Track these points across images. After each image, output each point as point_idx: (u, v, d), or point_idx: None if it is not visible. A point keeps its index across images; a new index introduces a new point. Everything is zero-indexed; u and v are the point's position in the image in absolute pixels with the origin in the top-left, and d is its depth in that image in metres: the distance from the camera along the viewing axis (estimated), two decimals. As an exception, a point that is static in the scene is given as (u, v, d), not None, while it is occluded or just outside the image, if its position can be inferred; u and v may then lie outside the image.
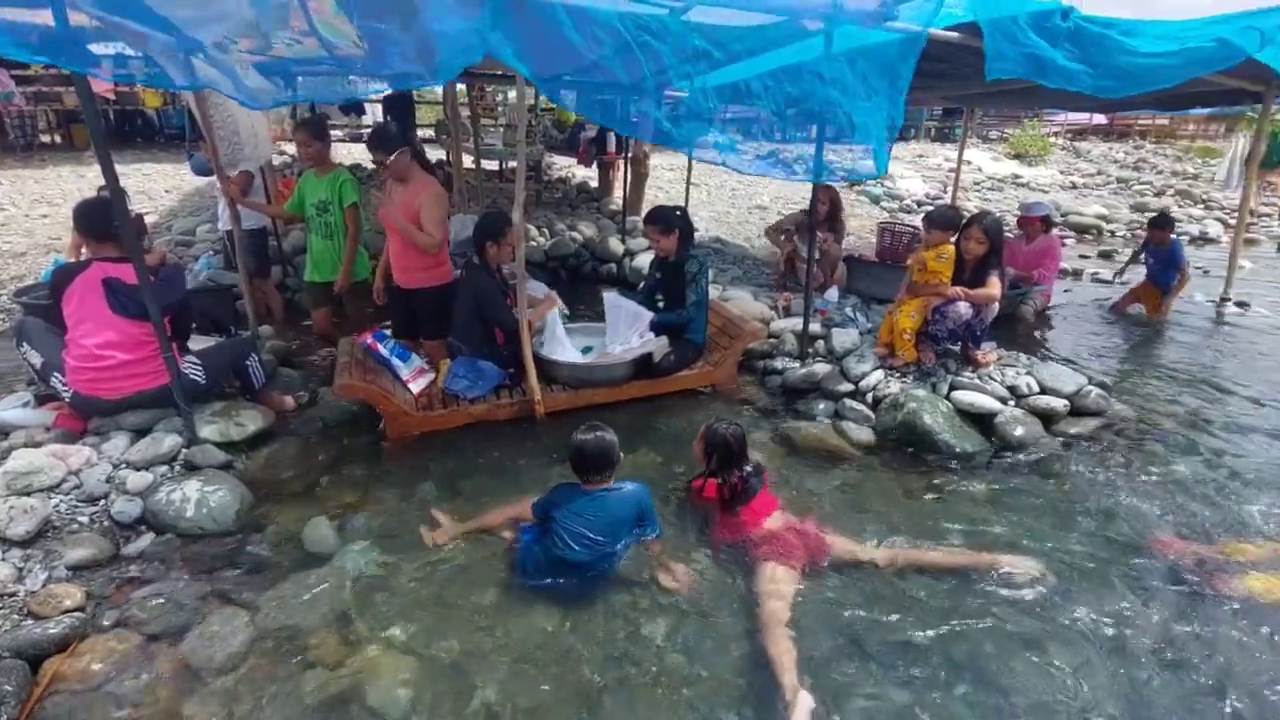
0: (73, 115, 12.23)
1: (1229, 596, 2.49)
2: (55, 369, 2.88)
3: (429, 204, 3.66)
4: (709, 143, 5.83)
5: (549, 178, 11.19)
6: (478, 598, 2.47)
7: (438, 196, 3.71)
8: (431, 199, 3.67)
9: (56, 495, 2.55)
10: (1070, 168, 17.94)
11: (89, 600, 2.23)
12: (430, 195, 3.68)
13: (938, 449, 3.47)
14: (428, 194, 3.68)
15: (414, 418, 3.49)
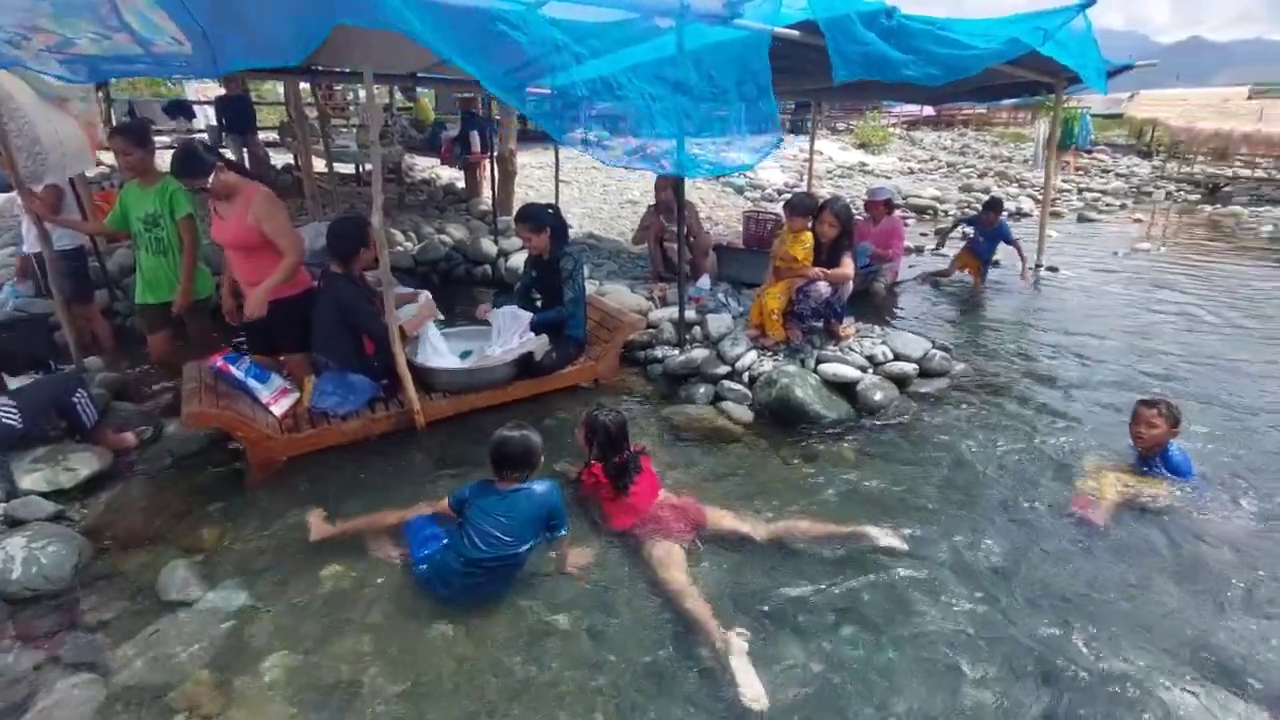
0: None
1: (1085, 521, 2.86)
2: None
3: (266, 213, 3.33)
4: (578, 139, 5.87)
5: (411, 180, 10.75)
6: (365, 620, 2.37)
7: (270, 199, 3.39)
8: (265, 205, 3.34)
9: None
10: (907, 155, 19.69)
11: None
12: (262, 202, 3.34)
13: (810, 419, 3.72)
14: (259, 201, 3.34)
15: (278, 442, 3.25)
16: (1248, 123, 14.69)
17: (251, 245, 3.38)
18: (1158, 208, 13.56)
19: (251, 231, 3.34)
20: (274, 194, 3.40)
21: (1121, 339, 5.35)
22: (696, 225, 5.93)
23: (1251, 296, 6.71)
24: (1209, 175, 16.18)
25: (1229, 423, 3.85)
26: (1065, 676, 2.11)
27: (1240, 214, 12.47)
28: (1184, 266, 8.21)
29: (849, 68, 3.67)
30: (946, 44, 4.00)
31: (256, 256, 3.44)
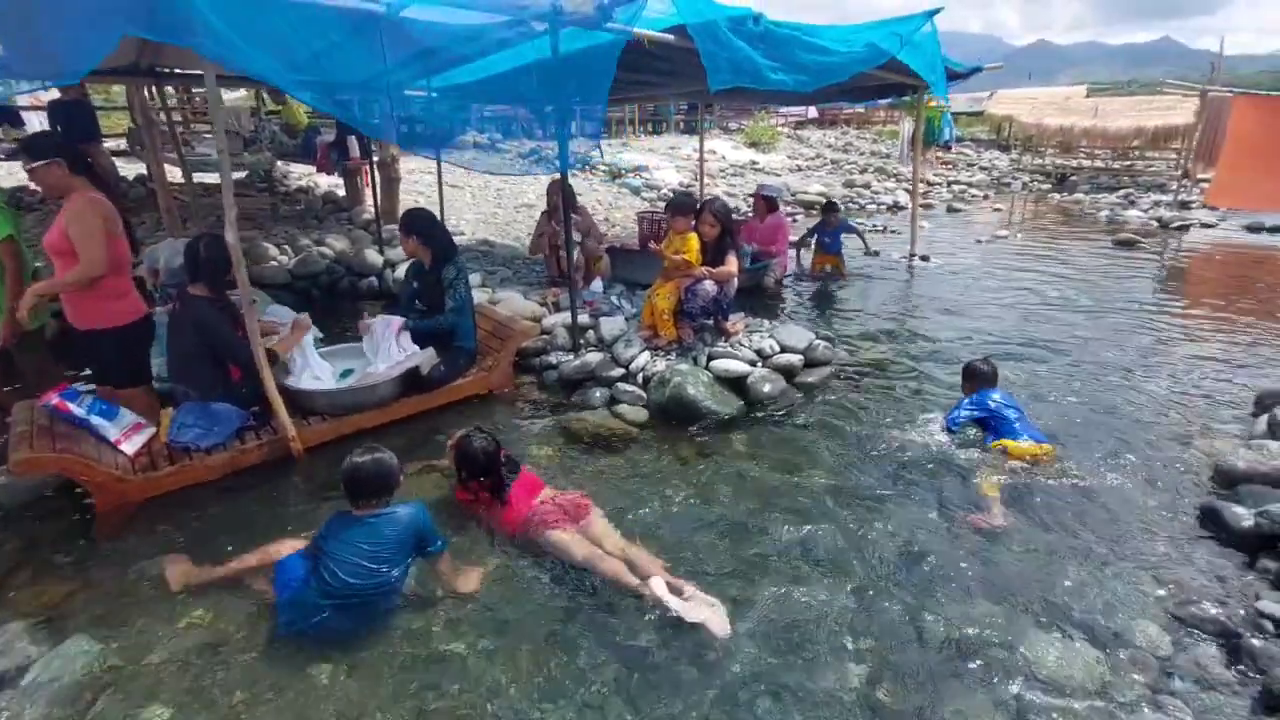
0: None
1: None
2: None
3: (73, 218, 2.98)
4: (468, 143, 5.74)
5: (286, 189, 10.14)
6: (238, 671, 2.20)
7: (87, 204, 3.02)
8: (74, 213, 2.99)
9: None
10: (796, 153, 20.56)
11: None
12: (73, 210, 3.00)
13: (703, 416, 3.81)
14: (71, 209, 3.00)
15: (132, 483, 2.97)
16: (1086, 118, 16.37)
17: (63, 252, 3.03)
18: (1015, 197, 14.86)
19: (63, 237, 3.01)
20: (100, 202, 3.07)
21: (981, 317, 5.89)
22: (591, 228, 5.93)
23: (1086, 273, 7.53)
24: (1058, 166, 17.91)
25: (1063, 378, 4.47)
26: (935, 641, 2.26)
27: (1083, 200, 13.90)
28: (1035, 249, 9.07)
29: (721, 75, 3.79)
30: (813, 50, 4.22)
31: (69, 266, 3.08)
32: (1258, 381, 4.26)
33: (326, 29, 3.72)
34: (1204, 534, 2.74)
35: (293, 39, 3.25)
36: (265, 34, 2.66)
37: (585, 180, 13.74)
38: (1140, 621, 2.25)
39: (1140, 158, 17.61)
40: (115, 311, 3.19)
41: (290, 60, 3.39)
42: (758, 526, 2.92)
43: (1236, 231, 10.26)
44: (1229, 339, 5.28)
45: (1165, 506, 2.96)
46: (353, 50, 4.01)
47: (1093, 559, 2.63)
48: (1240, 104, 9.58)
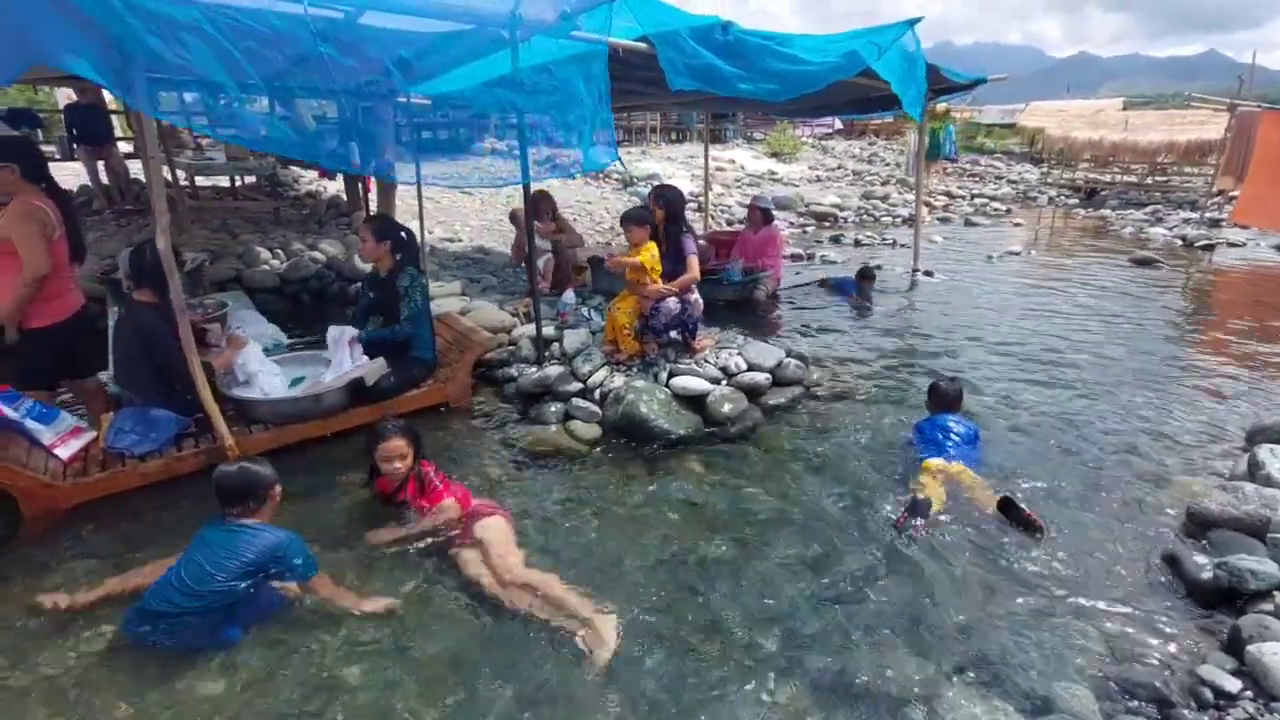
0: None
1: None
2: None
3: (11, 221, 3.06)
4: (487, 148, 5.67)
5: (295, 193, 10.29)
6: (125, 687, 2.14)
7: (22, 211, 3.08)
8: (12, 216, 3.06)
9: None
10: (817, 163, 20.33)
11: None
12: (12, 213, 3.07)
13: (656, 435, 3.69)
14: (10, 213, 3.08)
15: (60, 489, 2.96)
16: (1116, 132, 15.85)
17: (4, 253, 3.10)
18: (1040, 212, 14.43)
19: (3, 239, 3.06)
20: (36, 206, 3.09)
21: (974, 337, 5.65)
22: (571, 236, 5.87)
23: (1102, 293, 7.21)
24: (1089, 180, 17.38)
25: (1047, 404, 4.25)
26: (851, 695, 2.11)
27: (1109, 216, 13.43)
28: (1048, 267, 8.74)
29: (679, 78, 3.69)
30: (785, 59, 4.08)
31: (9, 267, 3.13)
32: (1261, 416, 3.98)
33: (283, 46, 3.68)
34: (1163, 583, 2.53)
35: (248, 66, 3.18)
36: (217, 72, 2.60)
37: (596, 188, 13.74)
38: (1072, 684, 2.06)
39: (1177, 173, 17.01)
40: (51, 310, 3.22)
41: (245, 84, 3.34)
42: (689, 556, 2.79)
43: (1266, 252, 9.78)
44: (1238, 367, 4.98)
45: (1129, 552, 2.75)
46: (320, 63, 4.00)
47: (1034, 605, 2.44)
48: (1269, 119, 9.15)
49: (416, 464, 2.86)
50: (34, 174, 3.21)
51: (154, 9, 2.31)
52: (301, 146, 3.86)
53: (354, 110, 4.17)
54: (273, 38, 2.69)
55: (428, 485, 2.85)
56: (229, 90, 2.89)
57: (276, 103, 4.59)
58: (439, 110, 9.03)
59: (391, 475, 2.82)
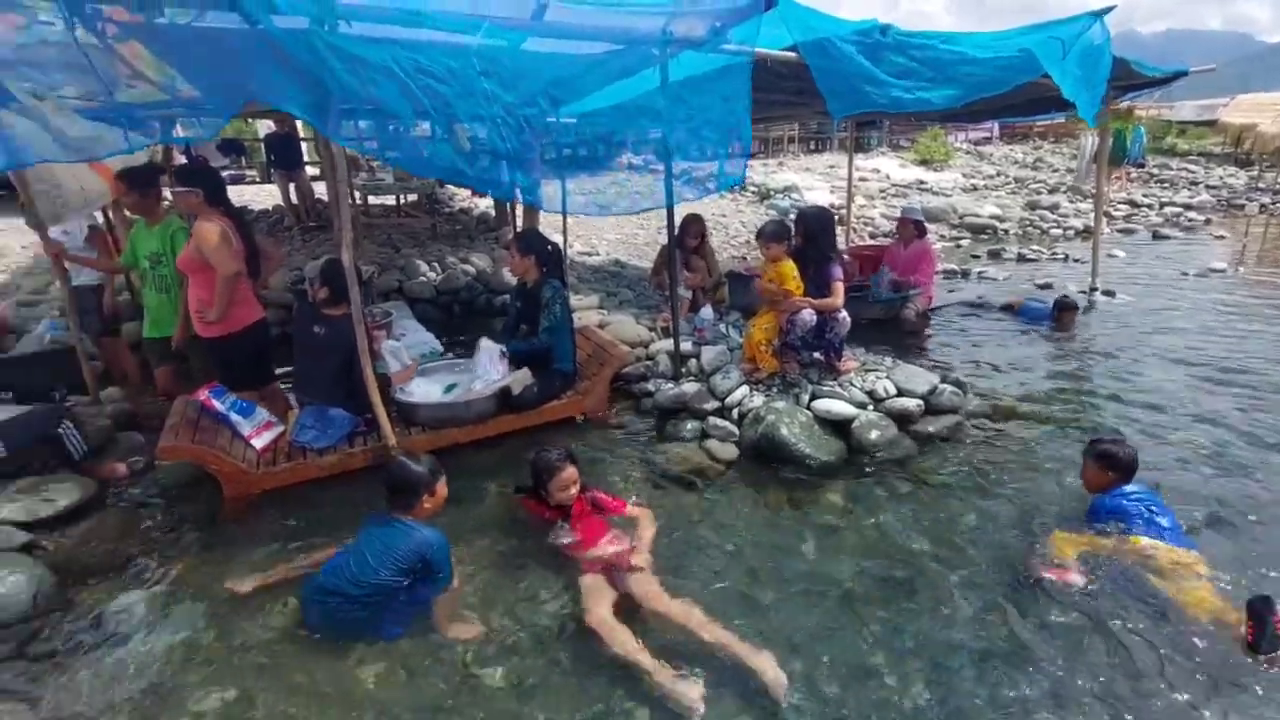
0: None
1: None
2: None
3: (199, 240, 3.51)
4: (623, 164, 5.91)
5: (450, 209, 11.14)
6: (303, 660, 2.39)
7: (206, 229, 3.52)
8: (199, 235, 3.51)
9: None
10: (973, 171, 19.01)
11: None
12: (198, 233, 3.52)
13: (796, 459, 3.58)
14: (197, 233, 3.53)
15: (254, 476, 3.37)
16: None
17: (196, 269, 3.58)
18: (1250, 222, 12.55)
19: (195, 255, 3.53)
20: (215, 225, 3.53)
21: (1167, 374, 4.92)
22: (708, 254, 5.88)
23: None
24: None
25: (1236, 471, 3.49)
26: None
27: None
28: (1263, 286, 7.53)
29: (840, 100, 3.58)
30: (953, 63, 3.84)
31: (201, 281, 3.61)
32: None
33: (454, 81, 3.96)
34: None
35: (425, 99, 3.45)
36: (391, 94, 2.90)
37: (731, 201, 13.70)
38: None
39: None
40: (233, 318, 3.65)
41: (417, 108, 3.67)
42: (830, 590, 2.67)
43: None
44: None
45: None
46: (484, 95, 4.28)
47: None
48: None
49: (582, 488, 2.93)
50: (215, 198, 3.70)
51: (353, 52, 2.60)
52: (457, 170, 4.14)
53: (504, 134, 4.43)
54: (445, 74, 2.94)
55: (603, 504, 2.93)
56: (404, 119, 3.18)
57: (438, 128, 5.01)
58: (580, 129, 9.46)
59: (564, 501, 2.87)
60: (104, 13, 2.88)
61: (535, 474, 2.89)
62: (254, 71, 2.92)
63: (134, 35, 3.19)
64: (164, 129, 4.72)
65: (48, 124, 3.61)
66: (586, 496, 2.92)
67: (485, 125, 3.14)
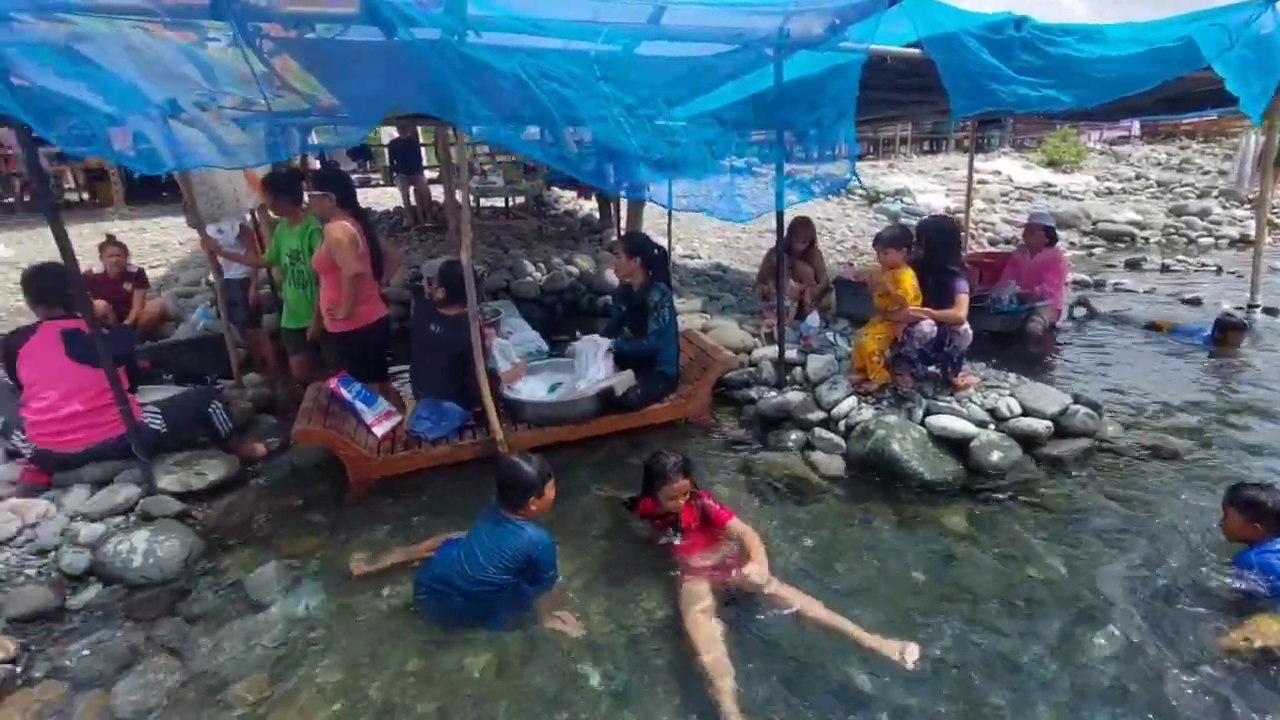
0: (96, 174, 13.01)
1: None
2: (16, 427, 3.08)
3: (330, 243, 3.73)
4: (726, 166, 5.92)
5: (555, 212, 11.46)
6: (412, 643, 2.51)
7: (336, 233, 3.72)
8: (330, 238, 3.74)
9: (7, 549, 2.71)
10: (1108, 173, 17.54)
11: (22, 652, 2.36)
12: (329, 236, 3.74)
13: (908, 478, 3.41)
14: (328, 235, 3.75)
15: (374, 462, 3.58)
16: None
17: (328, 269, 3.82)
18: None
19: (326, 257, 3.77)
20: (346, 227, 3.75)
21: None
22: (816, 259, 5.72)
23: None
24: None
25: None
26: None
27: None
28: None
29: (964, 99, 3.39)
30: (1098, 58, 3.55)
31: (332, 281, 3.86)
32: None
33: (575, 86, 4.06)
34: None
35: (547, 103, 3.57)
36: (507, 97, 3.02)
37: (838, 205, 13.31)
38: None
39: None
40: (359, 314, 3.89)
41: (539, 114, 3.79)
42: (940, 621, 2.52)
43: None
44: None
45: None
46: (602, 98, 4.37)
47: None
48: None
49: (693, 496, 2.86)
50: (346, 202, 3.95)
51: (483, 60, 2.72)
52: (565, 166, 4.24)
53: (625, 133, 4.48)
54: (568, 79, 3.02)
55: (711, 515, 2.84)
56: (527, 122, 3.30)
57: (546, 130, 5.15)
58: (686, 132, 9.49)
59: (672, 508, 2.82)
60: (263, 29, 3.15)
61: (647, 477, 2.86)
62: (393, 81, 3.11)
63: (286, 49, 3.48)
64: (301, 137, 5.14)
65: (211, 132, 4.00)
66: (697, 504, 2.86)
67: (605, 125, 3.18)
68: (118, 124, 3.43)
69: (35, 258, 9.56)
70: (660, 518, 2.90)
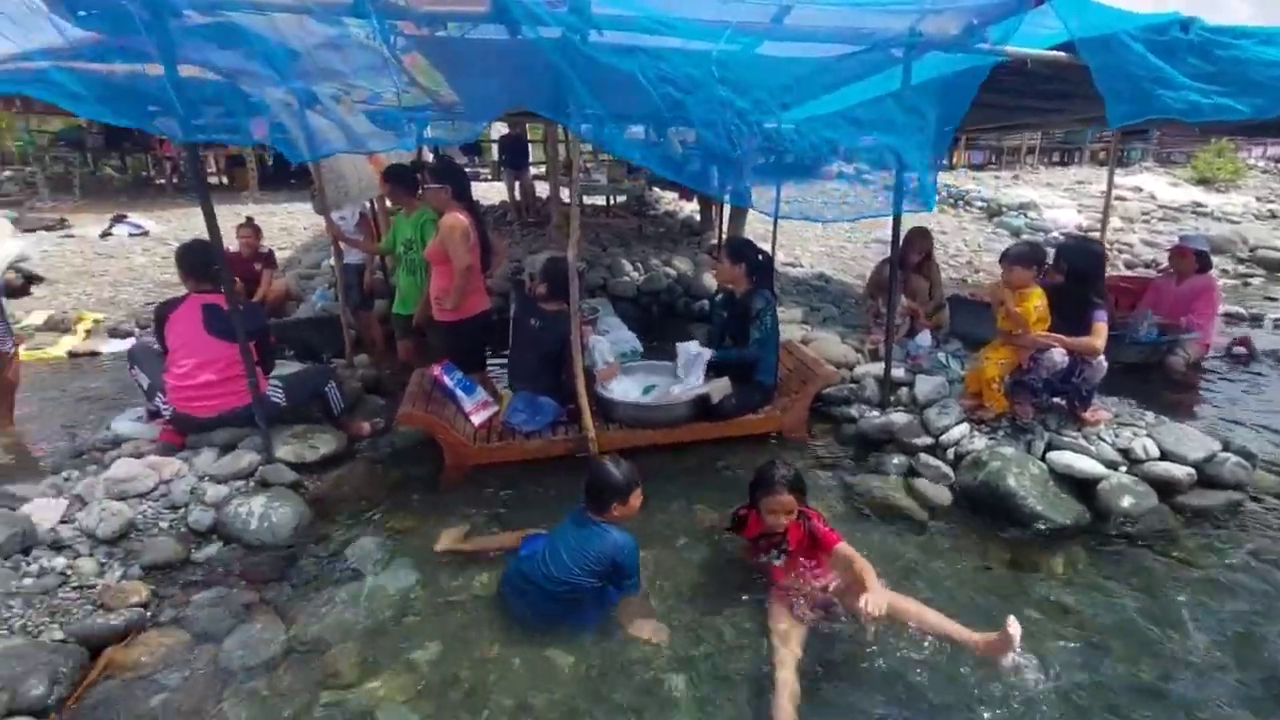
0: (235, 160, 14.26)
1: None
2: (159, 389, 3.40)
3: (444, 234, 3.88)
4: (833, 173, 5.79)
5: (655, 212, 11.52)
6: (499, 628, 2.58)
7: (451, 224, 3.87)
8: (445, 230, 3.89)
9: (145, 502, 3.00)
10: (1271, 193, 15.85)
11: (153, 598, 2.59)
12: (444, 227, 3.89)
13: (1023, 517, 3.18)
14: (443, 227, 3.90)
15: (471, 449, 3.71)
16: None
17: (440, 261, 3.99)
18: None
19: (440, 248, 3.93)
20: (460, 220, 3.88)
21: None
22: (932, 274, 5.45)
23: None
24: None
25: None
26: None
27: None
28: None
29: (1123, 105, 3.13)
30: (1270, 65, 3.19)
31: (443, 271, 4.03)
32: None
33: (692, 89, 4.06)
34: None
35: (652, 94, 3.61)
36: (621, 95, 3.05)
37: (953, 216, 12.71)
38: None
39: None
40: (466, 306, 4.03)
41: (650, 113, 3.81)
42: (1057, 674, 2.33)
43: None
44: None
45: None
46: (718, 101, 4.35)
47: None
48: None
49: (801, 515, 2.66)
50: (461, 195, 4.10)
51: (605, 61, 2.76)
52: (669, 168, 4.23)
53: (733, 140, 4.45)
54: (686, 82, 3.02)
55: (818, 536, 2.64)
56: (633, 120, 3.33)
57: (651, 130, 5.17)
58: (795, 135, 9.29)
59: (776, 526, 2.63)
60: (398, 27, 3.33)
61: (753, 484, 2.69)
62: (512, 79, 3.21)
63: (416, 47, 3.66)
64: (419, 130, 5.42)
65: (342, 122, 4.28)
66: (805, 525, 2.67)
67: (714, 131, 3.16)
68: (259, 114, 3.74)
69: (179, 234, 10.60)
70: (764, 538, 2.74)
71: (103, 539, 2.73)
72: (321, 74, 3.73)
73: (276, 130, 3.74)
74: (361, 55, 3.59)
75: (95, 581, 2.55)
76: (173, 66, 2.68)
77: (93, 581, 2.55)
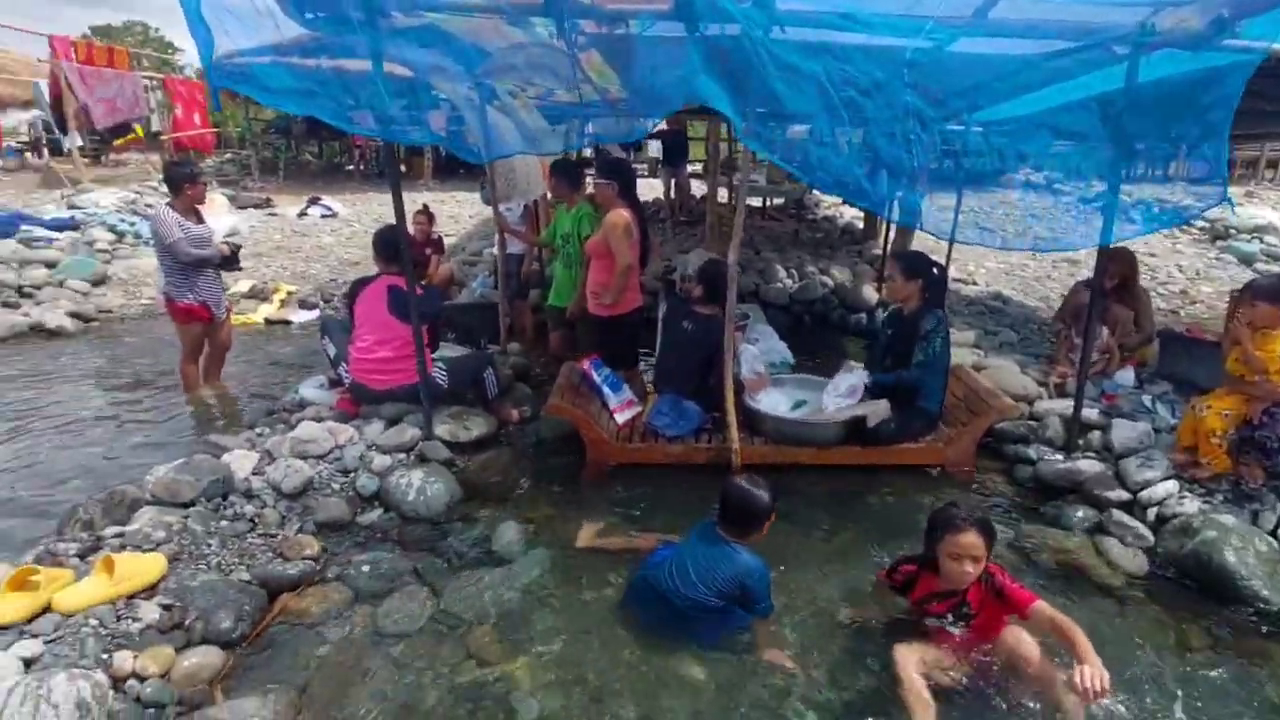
0: (411, 149, 15.64)
1: None
2: (343, 360, 3.79)
3: (609, 229, 4.03)
4: (1014, 180, 5.39)
5: (813, 216, 11.20)
6: (629, 633, 2.61)
7: (617, 221, 4.00)
8: (610, 225, 4.02)
9: (322, 463, 3.34)
10: None
11: (323, 554, 2.89)
12: (610, 223, 4.02)
13: (1241, 598, 2.75)
14: (609, 222, 4.03)
15: (612, 447, 3.79)
16: None
17: (601, 254, 4.12)
18: None
19: (603, 242, 4.05)
20: (625, 217, 4.00)
21: None
22: (1139, 301, 4.84)
23: None
24: None
25: None
26: None
27: None
28: None
29: None
30: None
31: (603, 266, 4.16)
32: None
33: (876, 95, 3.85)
34: None
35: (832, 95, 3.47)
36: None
37: (1168, 239, 11.27)
38: None
39: None
40: (623, 302, 4.15)
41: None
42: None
43: None
44: None
45: None
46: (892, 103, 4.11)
47: None
48: None
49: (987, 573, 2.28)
50: (627, 192, 4.18)
51: (787, 60, 2.70)
52: (841, 182, 4.03)
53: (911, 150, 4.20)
54: (870, 87, 2.90)
55: (1007, 594, 2.24)
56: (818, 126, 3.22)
57: (817, 130, 4.98)
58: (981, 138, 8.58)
59: (958, 579, 2.24)
60: (580, 25, 3.46)
61: (930, 526, 2.34)
62: (690, 76, 3.23)
63: (594, 44, 3.79)
64: (583, 126, 5.62)
65: (519, 118, 4.52)
66: (988, 582, 2.27)
67: (893, 142, 3.00)
68: (436, 108, 4.05)
69: (362, 217, 11.79)
70: (936, 598, 2.38)
71: (286, 493, 3.09)
72: (502, 71, 3.97)
73: (454, 134, 4.06)
74: (541, 54, 3.79)
75: (277, 532, 2.89)
76: (380, 63, 2.94)
77: (274, 531, 2.88)
